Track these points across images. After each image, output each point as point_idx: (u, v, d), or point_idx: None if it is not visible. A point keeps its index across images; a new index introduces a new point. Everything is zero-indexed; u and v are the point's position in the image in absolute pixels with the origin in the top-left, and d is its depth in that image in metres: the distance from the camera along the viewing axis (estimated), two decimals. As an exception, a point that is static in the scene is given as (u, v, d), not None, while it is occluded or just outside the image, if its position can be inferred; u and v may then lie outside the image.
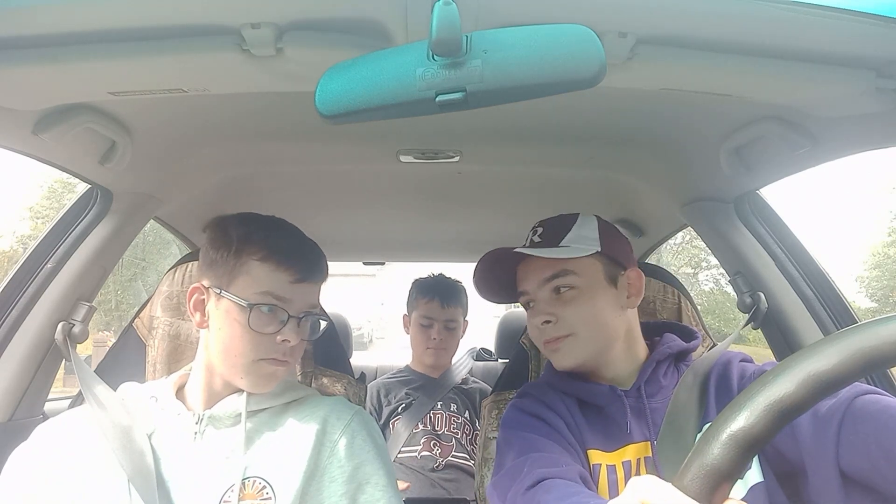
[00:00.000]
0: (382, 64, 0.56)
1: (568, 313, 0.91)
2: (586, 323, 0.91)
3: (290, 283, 0.85)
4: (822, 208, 33.44)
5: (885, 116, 0.76)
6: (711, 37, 0.66)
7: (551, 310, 0.93)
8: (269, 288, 0.84)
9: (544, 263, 0.94)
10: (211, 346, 0.87)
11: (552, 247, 0.95)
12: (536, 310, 0.95)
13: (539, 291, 0.95)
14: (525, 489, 0.76)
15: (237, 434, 0.85)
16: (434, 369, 1.85)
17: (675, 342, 0.97)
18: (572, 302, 0.92)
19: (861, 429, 0.68)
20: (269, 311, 0.84)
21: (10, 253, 14.12)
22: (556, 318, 0.92)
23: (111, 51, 0.66)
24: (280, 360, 0.86)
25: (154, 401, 0.90)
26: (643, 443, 0.88)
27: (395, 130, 1.13)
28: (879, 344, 0.40)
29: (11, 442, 0.88)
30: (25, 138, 0.87)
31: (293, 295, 0.86)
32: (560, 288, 0.93)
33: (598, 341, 0.92)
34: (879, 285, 17.62)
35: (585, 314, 0.91)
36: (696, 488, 0.41)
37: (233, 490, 0.80)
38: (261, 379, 0.86)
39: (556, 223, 0.99)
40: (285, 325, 0.85)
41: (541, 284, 0.94)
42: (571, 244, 0.94)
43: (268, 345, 0.85)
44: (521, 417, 0.93)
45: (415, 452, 1.66)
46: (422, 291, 1.87)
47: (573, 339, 0.91)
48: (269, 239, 0.86)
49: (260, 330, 0.83)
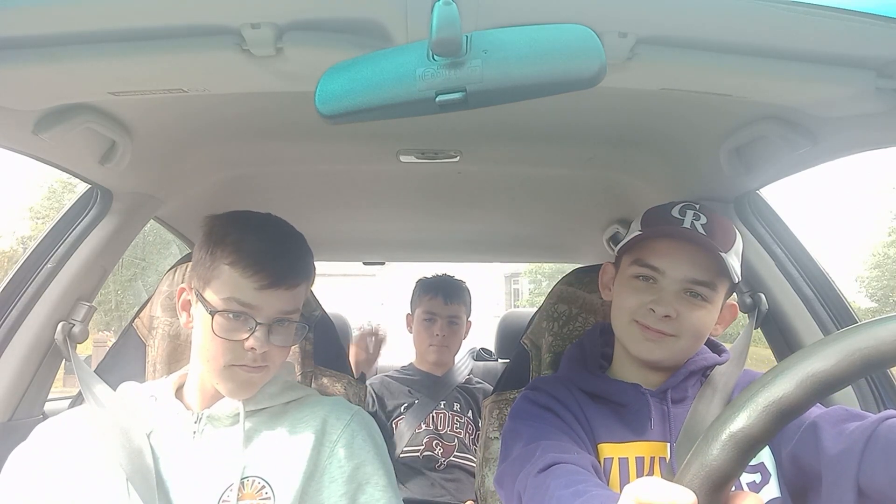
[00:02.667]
0: (382, 64, 0.56)
1: (688, 320, 0.87)
2: (694, 334, 0.89)
3: (256, 290, 0.82)
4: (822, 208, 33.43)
5: (885, 116, 0.76)
6: (711, 37, 0.66)
7: (677, 307, 0.87)
8: (234, 294, 0.82)
9: (706, 264, 0.86)
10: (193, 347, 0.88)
11: (724, 251, 0.87)
12: (660, 297, 0.88)
13: (677, 283, 0.88)
14: (537, 472, 0.76)
15: (236, 433, 0.85)
16: (437, 367, 1.85)
17: (709, 355, 0.97)
18: (697, 311, 0.88)
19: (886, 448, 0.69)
20: (235, 318, 0.82)
21: (10, 253, 14.11)
22: (677, 317, 0.87)
23: (111, 51, 0.66)
24: (251, 367, 0.83)
25: (153, 400, 0.90)
26: (661, 443, 0.88)
27: (395, 130, 1.13)
28: (879, 344, 0.40)
29: (11, 442, 0.88)
30: (25, 138, 0.87)
31: (260, 302, 0.82)
32: (698, 294, 0.88)
33: (689, 352, 0.92)
34: (879, 285, 17.61)
35: (698, 327, 0.89)
36: (696, 487, 0.41)
37: (231, 489, 0.80)
38: (236, 385, 0.84)
39: (724, 225, 0.91)
40: (253, 332, 0.82)
41: (686, 279, 0.87)
42: (732, 259, 0.88)
43: (237, 351, 0.82)
44: (530, 408, 0.92)
45: (417, 452, 1.67)
46: (425, 289, 1.89)
47: (675, 340, 0.89)
48: (241, 242, 0.83)
49: (225, 336, 0.81)
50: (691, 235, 0.87)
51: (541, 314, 1.19)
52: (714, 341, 1.03)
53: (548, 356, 1.17)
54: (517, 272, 21.57)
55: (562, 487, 0.70)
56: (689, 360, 0.95)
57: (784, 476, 0.82)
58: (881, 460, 0.68)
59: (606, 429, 0.90)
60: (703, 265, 0.87)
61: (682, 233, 0.87)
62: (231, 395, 0.86)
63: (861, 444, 0.70)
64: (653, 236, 0.91)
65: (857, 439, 0.71)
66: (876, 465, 0.69)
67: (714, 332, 0.95)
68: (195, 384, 0.89)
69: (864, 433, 0.71)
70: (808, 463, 0.78)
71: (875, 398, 1.10)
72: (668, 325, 0.87)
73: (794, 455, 0.80)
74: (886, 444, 0.69)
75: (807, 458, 0.78)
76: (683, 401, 0.92)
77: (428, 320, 1.84)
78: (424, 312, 1.85)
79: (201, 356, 0.85)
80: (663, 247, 0.89)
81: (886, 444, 0.69)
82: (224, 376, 0.84)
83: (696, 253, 0.86)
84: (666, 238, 0.90)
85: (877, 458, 0.69)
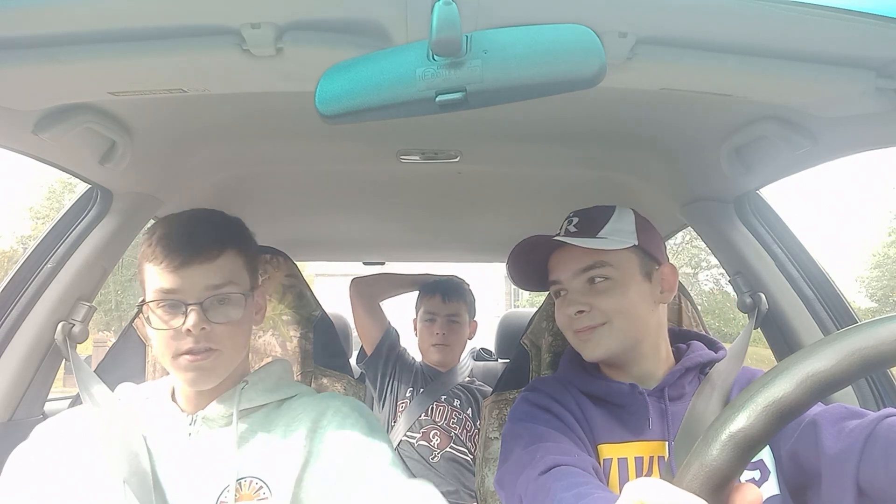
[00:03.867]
0: (382, 64, 0.56)
1: (602, 303, 0.91)
2: (620, 313, 0.91)
3: (171, 272, 0.81)
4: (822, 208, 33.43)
5: (885, 116, 0.76)
6: (711, 37, 0.66)
7: (585, 300, 0.92)
8: (156, 285, 0.82)
9: (581, 253, 0.93)
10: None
11: (589, 237, 0.94)
12: (569, 299, 0.95)
13: (573, 281, 0.94)
14: (538, 474, 0.76)
15: (231, 434, 0.84)
16: (441, 365, 1.87)
17: (705, 352, 0.97)
18: (606, 293, 0.92)
19: (885, 447, 0.69)
20: (167, 307, 0.81)
21: (10, 253, 14.12)
22: (590, 307, 0.92)
23: (111, 51, 0.66)
24: (198, 351, 0.81)
25: (149, 401, 0.90)
26: (660, 442, 0.89)
27: (396, 130, 1.13)
28: (878, 344, 0.40)
29: (11, 442, 0.88)
30: (25, 138, 0.87)
31: (180, 283, 0.81)
32: (595, 279, 0.92)
33: (630, 333, 0.92)
34: (879, 285, 17.62)
35: (619, 305, 0.91)
36: (696, 488, 0.41)
37: (228, 491, 0.79)
38: (192, 375, 0.83)
39: (592, 214, 0.99)
40: (187, 315, 0.80)
41: (575, 274, 0.94)
42: (609, 236, 0.94)
43: (179, 339, 0.81)
44: (530, 410, 0.92)
45: (413, 440, 1.70)
46: (425, 290, 1.92)
47: (607, 327, 0.91)
48: (151, 237, 0.84)
49: (161, 327, 0.81)
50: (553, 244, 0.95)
51: (541, 314, 1.19)
52: (710, 338, 1.04)
53: (547, 356, 1.17)
54: (517, 272, 21.50)
55: (564, 490, 0.70)
56: (685, 357, 0.95)
57: (783, 473, 0.82)
58: (881, 459, 0.68)
59: (606, 429, 0.90)
60: (580, 254, 0.93)
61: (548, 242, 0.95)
62: (192, 385, 0.85)
63: (861, 443, 0.71)
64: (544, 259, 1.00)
65: (857, 438, 0.72)
66: (876, 464, 0.69)
67: (662, 300, 0.97)
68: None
69: (864, 431, 0.72)
70: (807, 461, 0.78)
71: (875, 398, 1.10)
72: (589, 318, 0.92)
73: (793, 452, 0.81)
74: (886, 442, 0.69)
75: (806, 456, 0.78)
76: (681, 398, 0.92)
77: (428, 320, 1.86)
78: (425, 313, 1.88)
79: (157, 356, 0.86)
80: (552, 261, 0.99)
81: (886, 442, 0.69)
82: (176, 368, 0.83)
83: (571, 250, 0.94)
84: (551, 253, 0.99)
85: (877, 456, 0.69)
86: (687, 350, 0.98)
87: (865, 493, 0.69)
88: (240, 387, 0.88)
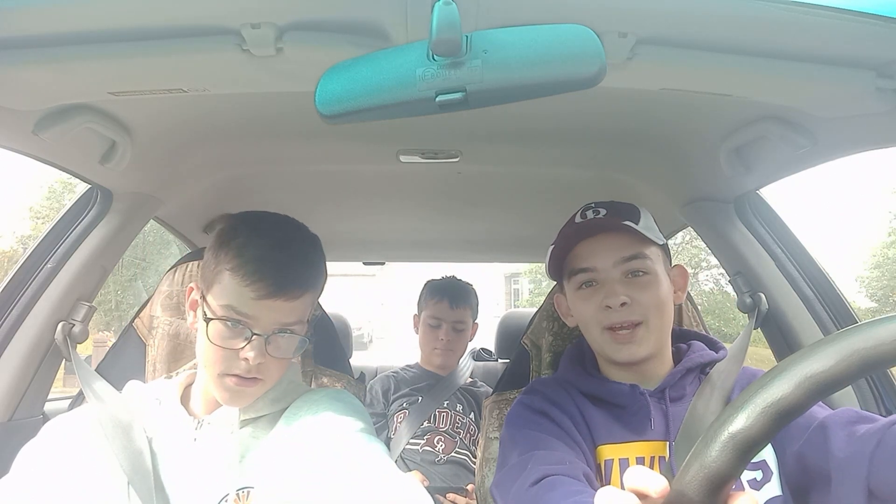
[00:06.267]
0: (382, 64, 0.56)
1: (643, 298, 0.89)
2: (657, 311, 0.89)
3: (253, 300, 0.78)
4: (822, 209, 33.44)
5: (885, 116, 0.76)
6: (711, 37, 0.66)
7: (627, 292, 0.88)
8: (232, 302, 0.79)
9: (623, 241, 0.90)
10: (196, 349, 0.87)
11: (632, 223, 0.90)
12: (607, 289, 0.90)
13: (613, 270, 0.90)
14: (529, 485, 0.76)
15: (234, 441, 0.84)
16: (441, 369, 1.86)
17: (706, 352, 0.97)
18: (647, 287, 0.89)
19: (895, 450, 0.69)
20: (232, 326, 0.79)
21: (10, 253, 14.12)
22: (633, 301, 0.88)
23: (111, 51, 0.66)
24: (244, 377, 0.80)
25: (157, 402, 0.89)
26: (661, 442, 0.88)
27: (396, 130, 1.13)
28: (877, 345, 0.40)
29: (11, 442, 0.88)
30: (25, 138, 0.87)
31: (258, 312, 0.79)
32: (638, 271, 0.90)
33: (663, 332, 0.91)
34: (879, 285, 17.61)
35: (658, 301, 0.89)
36: (696, 488, 0.41)
37: (227, 500, 0.79)
38: (230, 395, 0.82)
39: (619, 207, 0.95)
40: (249, 342, 0.79)
41: (617, 263, 0.90)
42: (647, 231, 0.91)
43: (231, 360, 0.80)
44: (526, 415, 0.92)
45: (417, 446, 1.68)
46: (432, 292, 1.88)
47: (644, 328, 0.89)
48: (244, 247, 0.80)
49: (221, 344, 0.79)
50: (595, 223, 0.92)
51: (541, 314, 1.19)
52: (711, 338, 1.04)
53: (548, 356, 1.17)
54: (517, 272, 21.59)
55: (560, 498, 0.71)
56: (686, 358, 0.95)
57: (786, 475, 0.82)
58: (891, 464, 0.68)
59: (606, 430, 0.90)
60: (623, 243, 0.90)
61: (588, 225, 0.91)
62: (225, 402, 0.84)
63: (871, 447, 0.70)
64: (568, 245, 0.95)
65: (868, 442, 0.71)
66: (886, 469, 0.68)
67: (677, 299, 0.96)
68: (200, 388, 0.89)
69: (875, 436, 0.71)
70: (815, 463, 0.78)
71: (875, 398, 1.10)
72: (630, 313, 0.88)
73: (800, 455, 0.80)
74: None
75: (814, 459, 0.78)
76: (682, 399, 0.92)
77: (433, 325, 1.84)
78: (430, 317, 1.85)
79: (200, 360, 0.84)
80: (583, 248, 0.93)
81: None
82: (217, 384, 0.82)
83: (611, 237, 0.91)
84: (581, 240, 0.93)
85: (887, 461, 0.69)
86: (688, 350, 0.98)
87: (876, 497, 0.69)
88: None
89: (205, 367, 0.83)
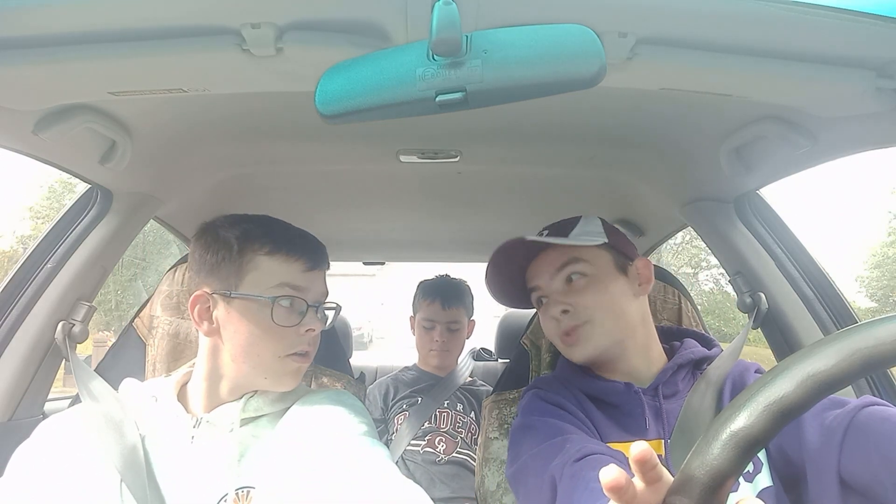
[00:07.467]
0: (382, 64, 0.56)
1: (583, 301, 0.92)
2: (602, 309, 0.92)
3: (303, 271, 0.86)
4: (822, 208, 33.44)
5: (885, 116, 0.76)
6: (711, 37, 0.66)
7: (566, 299, 0.93)
8: (285, 279, 0.84)
9: (555, 255, 0.95)
10: (225, 351, 0.85)
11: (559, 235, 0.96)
12: (551, 301, 0.96)
13: (551, 283, 0.96)
14: (573, 461, 0.76)
15: (234, 440, 0.84)
16: (440, 369, 1.86)
17: (697, 348, 0.98)
18: (586, 289, 0.93)
19: (864, 438, 0.69)
20: (288, 304, 0.84)
21: (10, 253, 14.13)
22: (572, 307, 0.92)
23: (111, 51, 0.66)
24: (304, 352, 0.86)
25: (154, 400, 0.89)
26: (657, 440, 0.89)
27: (395, 130, 1.13)
28: (878, 344, 0.40)
29: (12, 442, 0.88)
30: (25, 138, 0.87)
31: (308, 283, 0.86)
32: (572, 276, 0.94)
33: (615, 329, 0.92)
34: (879, 285, 17.63)
35: (600, 301, 0.92)
36: (697, 486, 0.41)
37: (226, 500, 0.78)
38: (285, 376, 0.86)
39: (561, 223, 1.02)
40: (305, 315, 0.85)
41: (553, 275, 0.95)
42: (578, 237, 0.96)
43: (292, 338, 0.84)
44: (542, 405, 0.93)
45: (418, 447, 1.67)
46: (424, 293, 1.87)
47: (590, 326, 0.92)
48: (271, 233, 0.86)
49: (284, 323, 0.83)
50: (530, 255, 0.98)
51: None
52: (704, 335, 1.04)
53: (547, 356, 1.17)
54: (517, 272, 21.49)
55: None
56: (677, 354, 0.95)
57: (774, 466, 0.82)
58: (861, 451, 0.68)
59: (607, 429, 0.90)
60: (555, 255, 0.96)
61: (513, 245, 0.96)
62: (276, 386, 0.86)
63: (839, 436, 0.71)
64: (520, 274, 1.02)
65: (837, 430, 0.72)
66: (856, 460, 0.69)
67: (641, 292, 0.98)
68: (201, 390, 0.88)
69: (843, 423, 0.72)
70: (793, 454, 0.78)
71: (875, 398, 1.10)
72: (574, 317, 0.93)
73: (780, 446, 0.81)
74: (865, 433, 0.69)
75: (792, 450, 0.79)
76: (675, 395, 0.92)
77: (427, 327, 1.84)
78: (424, 319, 1.84)
79: (247, 355, 0.84)
80: (530, 272, 1.01)
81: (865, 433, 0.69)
82: (274, 368, 0.84)
83: (546, 252, 0.97)
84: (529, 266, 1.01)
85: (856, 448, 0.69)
86: (680, 347, 0.98)
87: (849, 486, 0.69)
88: (247, 395, 0.87)
89: (256, 357, 0.84)
